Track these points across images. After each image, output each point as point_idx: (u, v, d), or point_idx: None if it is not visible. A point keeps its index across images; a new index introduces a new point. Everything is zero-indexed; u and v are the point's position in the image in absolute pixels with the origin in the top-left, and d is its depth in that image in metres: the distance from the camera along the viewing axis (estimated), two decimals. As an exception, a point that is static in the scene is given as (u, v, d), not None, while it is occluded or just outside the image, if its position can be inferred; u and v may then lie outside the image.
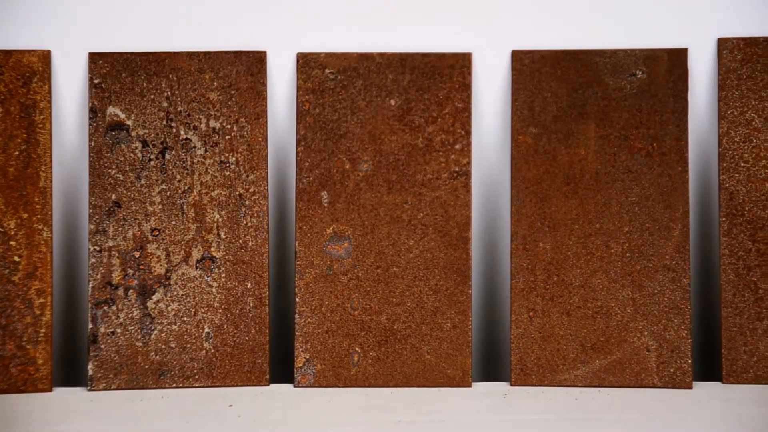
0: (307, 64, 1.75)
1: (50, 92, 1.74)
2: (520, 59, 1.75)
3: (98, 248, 1.72)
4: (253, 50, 1.76)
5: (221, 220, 1.74)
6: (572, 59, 1.74)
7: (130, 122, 1.73)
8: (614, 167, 1.73)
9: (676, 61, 1.73)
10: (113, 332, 1.72)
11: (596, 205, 1.73)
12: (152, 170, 1.73)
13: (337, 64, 1.75)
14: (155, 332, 1.72)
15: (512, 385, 1.73)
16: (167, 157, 1.73)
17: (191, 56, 1.74)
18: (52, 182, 1.73)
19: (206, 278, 1.73)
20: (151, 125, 1.74)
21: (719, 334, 1.74)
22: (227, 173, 1.74)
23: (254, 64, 1.75)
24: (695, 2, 1.77)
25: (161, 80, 1.74)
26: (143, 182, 1.73)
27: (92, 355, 1.72)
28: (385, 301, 1.73)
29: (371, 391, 1.71)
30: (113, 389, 1.72)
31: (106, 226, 1.72)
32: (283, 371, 1.81)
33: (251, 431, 1.54)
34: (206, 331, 1.73)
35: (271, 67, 1.78)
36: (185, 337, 1.73)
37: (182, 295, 1.73)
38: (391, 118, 1.74)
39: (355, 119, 1.74)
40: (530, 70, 1.75)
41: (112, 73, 1.74)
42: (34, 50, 1.74)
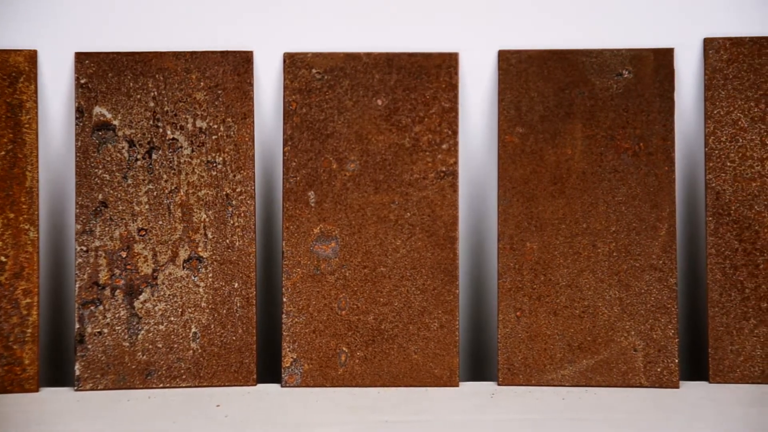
0: (293, 64, 1.75)
1: (36, 92, 1.73)
2: (506, 59, 1.75)
3: (85, 248, 1.72)
4: (239, 50, 1.75)
5: (208, 220, 1.73)
6: (559, 59, 1.74)
7: (116, 122, 1.73)
8: (601, 167, 1.73)
9: (662, 61, 1.74)
10: (100, 332, 1.72)
11: (583, 204, 1.73)
12: (139, 170, 1.73)
13: (323, 64, 1.75)
14: (142, 332, 1.72)
15: (499, 384, 1.73)
16: (154, 157, 1.73)
17: (178, 56, 1.74)
18: (38, 182, 1.72)
19: (193, 278, 1.73)
20: (137, 125, 1.73)
21: (706, 333, 1.74)
22: (214, 173, 1.74)
23: (241, 64, 1.75)
24: (681, 2, 1.77)
25: (148, 80, 1.74)
26: (130, 182, 1.73)
27: (79, 355, 1.71)
28: (372, 300, 1.73)
29: (358, 390, 1.71)
30: (100, 389, 1.72)
31: (92, 226, 1.72)
32: (270, 371, 1.81)
33: (238, 431, 1.54)
34: (193, 331, 1.73)
35: (257, 67, 1.78)
36: (172, 337, 1.73)
37: (169, 295, 1.73)
38: (377, 117, 1.74)
39: (341, 119, 1.74)
40: (517, 70, 1.75)
41: (98, 72, 1.73)
42: (20, 50, 1.74)
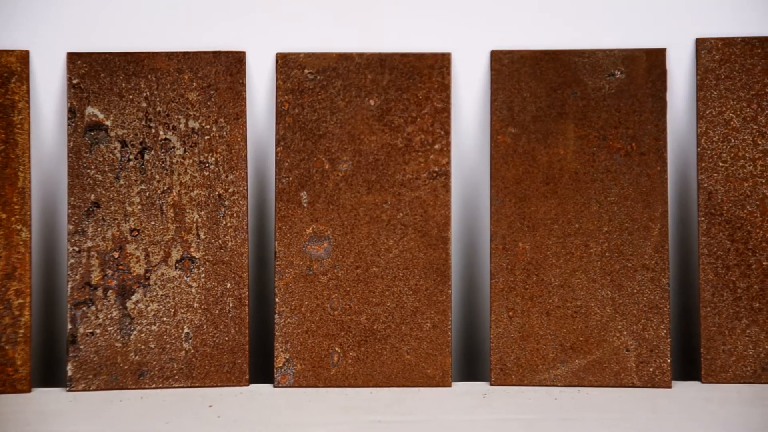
0: (286, 64, 1.75)
1: (28, 92, 1.73)
2: (499, 59, 1.75)
3: (77, 249, 1.72)
4: (232, 50, 1.75)
5: (201, 220, 1.73)
6: (551, 59, 1.75)
7: (108, 122, 1.73)
8: (593, 167, 1.73)
9: (654, 61, 1.74)
10: (92, 333, 1.71)
11: (575, 204, 1.73)
12: (131, 170, 1.73)
13: (316, 64, 1.75)
14: (134, 333, 1.72)
15: (492, 384, 1.73)
16: (146, 157, 1.73)
17: (170, 56, 1.74)
18: (30, 182, 1.72)
19: (186, 278, 1.73)
20: (130, 125, 1.73)
21: (698, 333, 1.74)
22: (206, 173, 1.73)
23: (233, 64, 1.74)
24: (673, 2, 1.77)
25: (140, 80, 1.73)
26: (122, 182, 1.73)
27: (71, 355, 1.71)
28: (364, 301, 1.73)
29: (351, 391, 1.71)
30: (92, 390, 1.71)
31: (85, 226, 1.72)
32: (262, 371, 1.81)
33: (231, 431, 1.55)
34: (186, 331, 1.73)
35: (250, 67, 1.78)
36: (165, 337, 1.72)
37: (162, 295, 1.72)
38: (370, 118, 1.74)
39: (334, 119, 1.74)
40: (509, 70, 1.75)
41: (90, 73, 1.73)
42: (12, 50, 1.74)
